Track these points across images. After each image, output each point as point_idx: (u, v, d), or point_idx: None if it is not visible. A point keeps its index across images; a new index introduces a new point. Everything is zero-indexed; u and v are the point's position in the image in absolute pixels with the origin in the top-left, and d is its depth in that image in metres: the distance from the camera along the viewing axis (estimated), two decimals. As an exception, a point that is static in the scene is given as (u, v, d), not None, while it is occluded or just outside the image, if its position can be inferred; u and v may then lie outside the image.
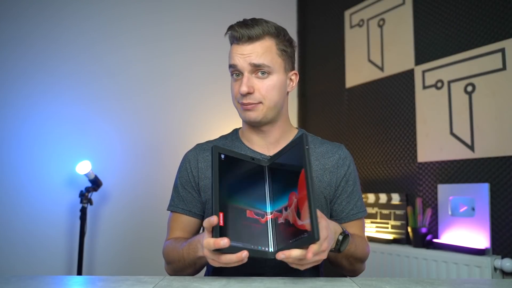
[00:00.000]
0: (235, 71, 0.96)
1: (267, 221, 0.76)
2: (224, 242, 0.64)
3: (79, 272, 1.73)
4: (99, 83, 2.01)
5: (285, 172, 0.78)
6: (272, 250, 0.73)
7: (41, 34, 1.87)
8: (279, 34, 0.96)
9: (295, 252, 0.66)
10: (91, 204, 1.81)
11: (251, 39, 0.93)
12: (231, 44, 0.98)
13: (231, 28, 0.96)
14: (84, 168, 1.79)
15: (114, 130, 2.04)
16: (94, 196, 1.86)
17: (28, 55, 1.83)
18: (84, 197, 1.78)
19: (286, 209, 0.74)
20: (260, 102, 0.94)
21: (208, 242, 0.67)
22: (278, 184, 0.79)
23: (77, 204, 1.82)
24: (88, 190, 1.80)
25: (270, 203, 0.78)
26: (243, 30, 0.93)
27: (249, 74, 0.93)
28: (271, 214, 0.77)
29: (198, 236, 0.82)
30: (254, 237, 0.73)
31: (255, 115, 0.95)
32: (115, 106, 2.05)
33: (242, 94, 0.92)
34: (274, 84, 0.95)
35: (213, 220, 0.67)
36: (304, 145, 0.72)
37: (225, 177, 0.74)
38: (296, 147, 0.75)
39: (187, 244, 0.85)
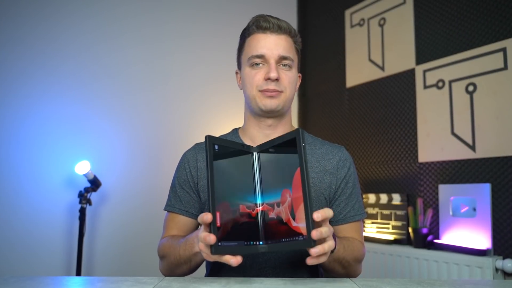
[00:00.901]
0: (259, 61, 0.97)
1: (257, 213, 0.75)
2: (210, 238, 0.65)
3: (78, 273, 1.72)
4: (98, 83, 2.01)
5: (278, 164, 0.76)
6: (262, 244, 0.73)
7: (40, 34, 1.86)
8: (296, 34, 1.01)
9: (329, 244, 0.68)
10: (90, 204, 1.80)
11: (280, 29, 0.97)
12: (252, 34, 0.99)
13: (259, 16, 0.98)
14: (83, 168, 1.78)
15: (113, 130, 2.03)
16: (93, 196, 1.86)
17: (27, 54, 1.82)
18: (83, 197, 1.77)
19: (278, 205, 0.73)
20: (282, 91, 0.97)
21: (202, 235, 0.67)
22: (270, 176, 0.76)
23: (76, 205, 1.81)
24: (87, 190, 1.79)
25: (260, 194, 0.76)
26: (274, 20, 0.97)
27: (275, 64, 0.96)
28: (261, 205, 0.75)
29: (195, 232, 0.81)
30: (247, 232, 0.72)
31: (276, 102, 0.97)
32: (114, 106, 2.05)
33: (271, 79, 0.94)
34: (293, 77, 0.99)
35: (206, 218, 0.66)
36: (301, 143, 0.69)
37: (219, 170, 0.72)
38: (290, 140, 0.72)
39: (184, 241, 0.85)
